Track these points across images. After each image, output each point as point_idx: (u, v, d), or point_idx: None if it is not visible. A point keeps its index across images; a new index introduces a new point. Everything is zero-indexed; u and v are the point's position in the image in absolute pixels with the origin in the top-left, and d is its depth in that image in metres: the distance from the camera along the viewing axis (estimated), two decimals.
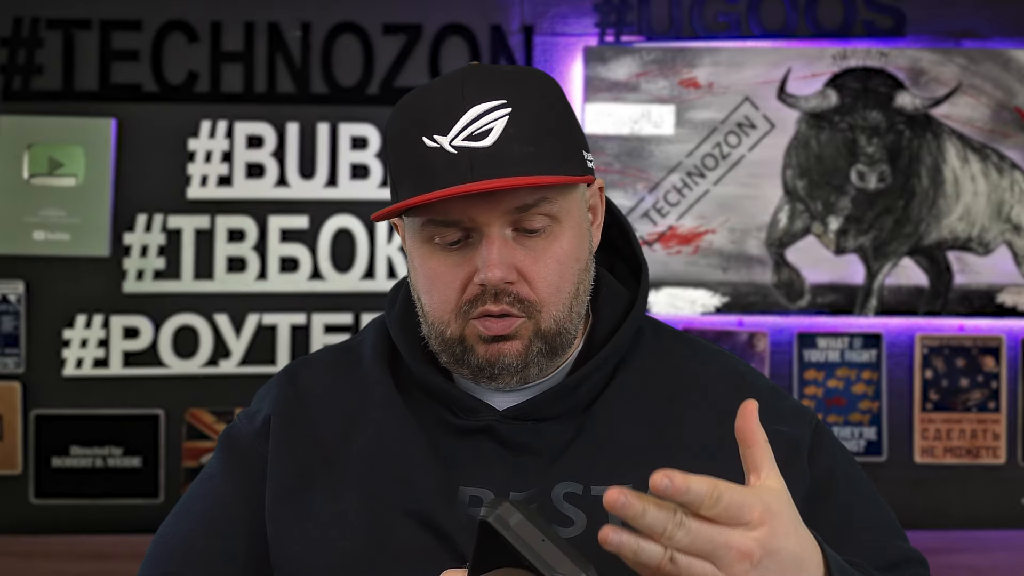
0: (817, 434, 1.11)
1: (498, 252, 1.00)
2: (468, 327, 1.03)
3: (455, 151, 0.98)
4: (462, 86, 1.01)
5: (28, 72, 2.85)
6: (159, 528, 1.13)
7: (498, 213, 0.99)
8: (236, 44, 2.90)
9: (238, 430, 1.14)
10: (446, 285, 1.03)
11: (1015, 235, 2.91)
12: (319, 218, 2.87)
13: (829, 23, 2.94)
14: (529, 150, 0.99)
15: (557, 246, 1.03)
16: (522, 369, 1.03)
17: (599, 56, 2.88)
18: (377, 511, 1.04)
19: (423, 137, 1.00)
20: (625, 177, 2.88)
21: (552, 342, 1.04)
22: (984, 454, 2.91)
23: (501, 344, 1.02)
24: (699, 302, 2.88)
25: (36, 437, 2.81)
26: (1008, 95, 2.91)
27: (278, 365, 2.84)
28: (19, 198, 2.82)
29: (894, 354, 2.94)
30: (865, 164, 2.89)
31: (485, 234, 1.00)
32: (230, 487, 1.11)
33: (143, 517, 2.81)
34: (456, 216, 1.00)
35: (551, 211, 1.01)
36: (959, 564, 2.68)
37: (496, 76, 1.03)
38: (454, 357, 1.05)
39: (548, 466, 1.04)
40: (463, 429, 1.07)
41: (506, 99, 1.00)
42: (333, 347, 1.20)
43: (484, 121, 0.99)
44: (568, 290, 1.04)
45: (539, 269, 1.02)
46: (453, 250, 1.02)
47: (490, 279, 0.99)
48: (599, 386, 1.08)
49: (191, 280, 2.85)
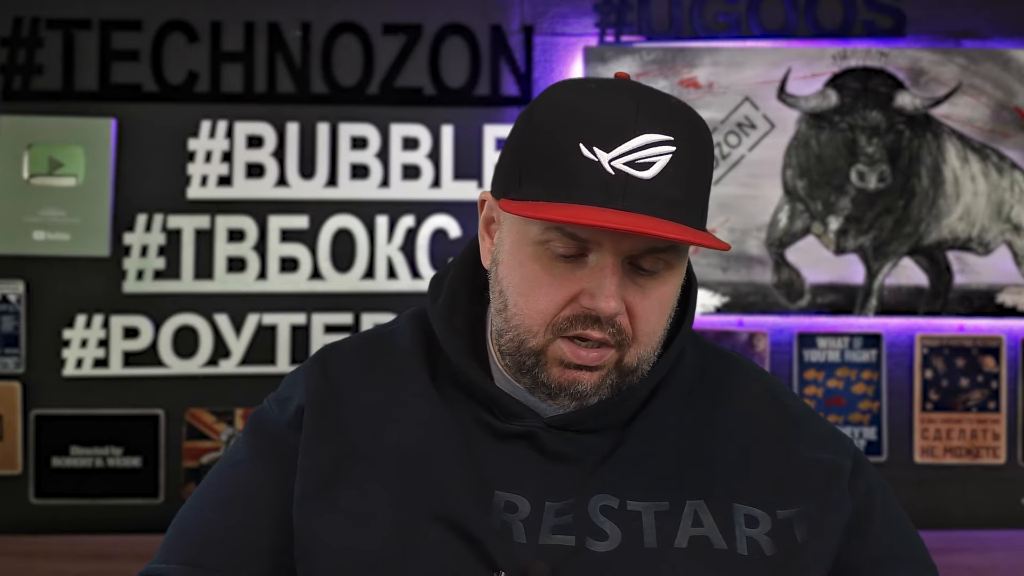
0: (857, 461, 1.11)
1: (618, 284, 0.97)
2: (554, 345, 1.00)
3: (613, 172, 0.94)
4: (636, 107, 0.96)
5: (28, 72, 2.85)
6: (180, 509, 1.10)
7: (628, 246, 0.97)
8: (236, 44, 2.90)
9: (268, 417, 1.10)
10: (547, 296, 0.99)
11: (1015, 235, 2.91)
12: (319, 218, 2.87)
13: (829, 23, 2.94)
14: (680, 196, 0.96)
15: (664, 290, 1.01)
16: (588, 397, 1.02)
17: (599, 56, 2.88)
18: (406, 511, 1.02)
19: (581, 144, 0.95)
20: None
21: (626, 378, 1.02)
22: (984, 454, 2.91)
23: (580, 372, 1.00)
24: (699, 302, 2.87)
25: (36, 437, 2.81)
26: (1008, 95, 2.91)
27: (278, 365, 2.84)
28: (19, 198, 2.82)
29: (894, 354, 2.94)
30: (865, 164, 2.89)
31: (607, 261, 0.97)
32: (259, 475, 1.07)
33: (143, 517, 2.81)
34: (585, 235, 0.97)
35: (671, 259, 1.00)
36: (959, 564, 2.68)
37: (666, 107, 0.99)
38: (523, 367, 1.02)
39: (585, 478, 1.03)
40: (503, 433, 1.04)
41: (673, 136, 0.96)
42: (364, 335, 1.17)
43: (651, 152, 0.95)
44: (660, 334, 1.03)
45: (644, 308, 1.00)
46: (565, 262, 0.99)
47: (604, 310, 0.97)
48: (642, 401, 1.07)
49: (191, 280, 2.85)
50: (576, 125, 0.96)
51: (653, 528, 1.01)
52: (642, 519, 1.01)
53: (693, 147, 0.97)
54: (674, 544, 1.00)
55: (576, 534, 1.00)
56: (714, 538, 1.01)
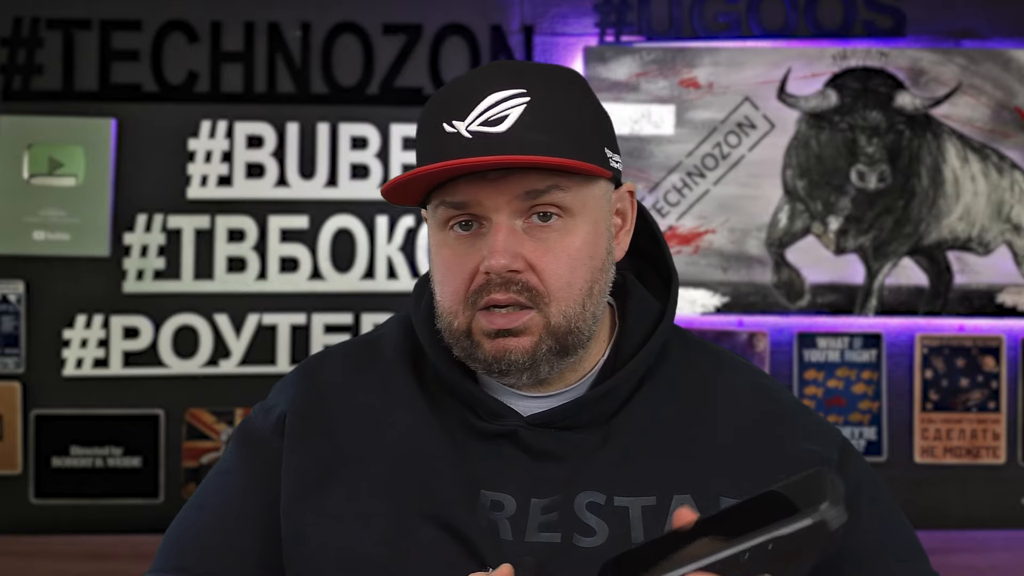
0: (844, 452, 1.10)
1: (504, 239, 0.98)
2: (475, 321, 1.01)
3: (470, 135, 0.98)
4: (484, 75, 1.01)
5: (28, 72, 2.85)
6: (173, 520, 1.12)
7: (506, 198, 0.98)
8: (236, 44, 2.90)
9: (254, 424, 1.13)
10: (456, 275, 1.01)
11: (1015, 235, 2.91)
12: (319, 218, 2.87)
13: (829, 23, 2.94)
14: (543, 138, 0.98)
15: (569, 240, 1.01)
16: (531, 367, 1.01)
17: (599, 56, 2.88)
18: (396, 513, 1.03)
19: (443, 123, 0.99)
20: (625, 177, 2.87)
21: (563, 340, 1.01)
22: (984, 454, 2.91)
23: (507, 340, 1.00)
24: (699, 302, 2.88)
25: (36, 437, 2.81)
26: (1008, 95, 2.91)
27: (278, 365, 2.85)
28: (19, 198, 2.82)
29: (894, 354, 2.94)
30: (865, 164, 2.89)
31: (493, 221, 0.99)
32: (244, 482, 1.09)
33: (143, 517, 2.81)
34: (464, 198, 0.99)
35: (563, 202, 1.00)
36: (959, 564, 2.68)
37: (519, 68, 1.03)
38: (464, 351, 1.03)
39: (571, 475, 1.03)
40: (486, 433, 1.05)
41: (526, 88, 0.99)
42: (352, 342, 1.18)
43: (501, 108, 0.98)
44: (580, 286, 1.01)
45: (549, 261, 1.00)
46: (465, 238, 1.01)
47: (493, 266, 0.98)
48: (625, 396, 1.07)
49: (191, 280, 2.85)
50: (437, 108, 1.01)
51: (640, 523, 1.01)
52: (629, 514, 1.02)
53: (552, 93, 1.00)
54: None
55: (563, 531, 1.01)
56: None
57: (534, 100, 0.99)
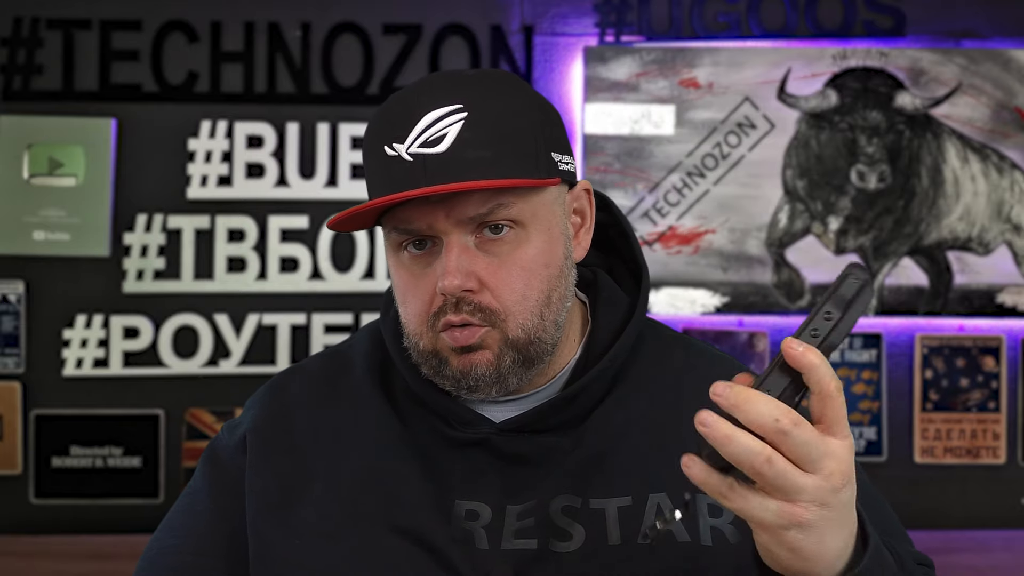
0: None
1: (456, 260, 0.98)
2: (439, 340, 1.01)
3: (411, 158, 0.97)
4: (418, 92, 1.00)
5: (28, 72, 2.85)
6: (148, 541, 1.13)
7: (454, 221, 0.98)
8: (236, 44, 2.90)
9: (220, 443, 1.13)
10: (415, 297, 1.02)
11: (1015, 235, 2.91)
12: (319, 218, 2.87)
13: (829, 23, 2.94)
14: (484, 155, 0.97)
15: (522, 252, 1.00)
16: (497, 380, 1.01)
17: (599, 56, 2.88)
18: (367, 527, 1.02)
19: (384, 146, 0.99)
20: (625, 177, 2.88)
21: (525, 351, 1.01)
22: (984, 454, 2.91)
23: (471, 355, 1.00)
24: (699, 302, 2.88)
25: (36, 437, 2.81)
26: (1008, 95, 2.91)
27: (278, 365, 2.85)
28: (19, 198, 2.82)
29: (894, 354, 2.94)
30: (865, 164, 2.89)
31: (444, 241, 0.99)
32: (209, 503, 1.10)
33: (143, 517, 2.81)
34: (415, 224, 0.99)
35: (511, 215, 0.99)
36: (959, 564, 2.68)
37: (454, 81, 1.02)
38: (433, 369, 1.03)
39: (545, 479, 1.03)
40: (458, 441, 1.05)
41: (462, 103, 0.98)
42: (322, 355, 1.18)
43: (438, 127, 0.97)
44: (536, 297, 1.01)
45: (502, 276, 0.99)
46: (420, 258, 1.01)
47: (446, 287, 0.98)
48: (598, 396, 1.07)
49: (191, 280, 2.85)
50: (378, 131, 1.01)
51: (617, 524, 1.01)
52: (606, 515, 1.02)
53: (487, 105, 0.99)
54: (638, 539, 1.01)
55: (538, 537, 1.01)
56: (677, 531, 1.02)
57: (471, 115, 0.98)
